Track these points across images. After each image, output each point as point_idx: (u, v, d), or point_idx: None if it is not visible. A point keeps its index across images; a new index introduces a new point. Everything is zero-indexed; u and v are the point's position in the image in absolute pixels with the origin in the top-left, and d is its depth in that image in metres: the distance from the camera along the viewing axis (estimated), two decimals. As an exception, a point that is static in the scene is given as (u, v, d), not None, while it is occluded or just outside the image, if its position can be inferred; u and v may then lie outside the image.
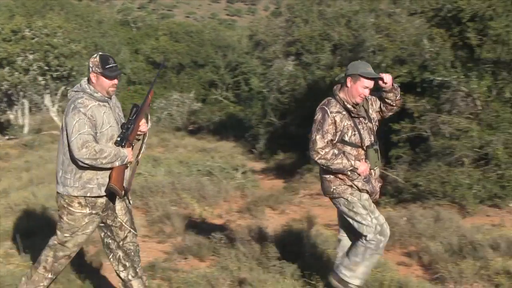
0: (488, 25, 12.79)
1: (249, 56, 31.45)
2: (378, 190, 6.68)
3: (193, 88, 36.26)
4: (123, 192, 6.37)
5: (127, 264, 6.63)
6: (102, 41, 35.24)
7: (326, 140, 6.39)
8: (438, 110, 13.46)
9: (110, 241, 6.63)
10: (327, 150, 6.37)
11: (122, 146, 6.30)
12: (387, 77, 6.57)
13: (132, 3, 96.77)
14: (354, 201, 6.49)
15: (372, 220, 6.48)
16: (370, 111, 6.70)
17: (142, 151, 6.60)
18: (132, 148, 6.45)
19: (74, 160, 6.17)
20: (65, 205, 6.39)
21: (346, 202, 6.53)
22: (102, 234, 6.66)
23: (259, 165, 19.44)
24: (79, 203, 6.35)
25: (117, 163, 6.23)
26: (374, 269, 7.44)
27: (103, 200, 6.43)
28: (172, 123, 31.14)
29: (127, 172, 6.41)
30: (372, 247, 6.50)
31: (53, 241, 6.58)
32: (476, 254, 8.54)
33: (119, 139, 6.32)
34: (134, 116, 6.40)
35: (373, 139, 6.60)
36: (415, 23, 14.34)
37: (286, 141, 19.78)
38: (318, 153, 6.39)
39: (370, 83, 6.50)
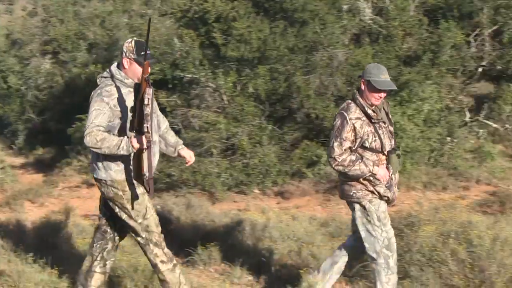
0: (232, 25, 13.10)
1: (6, 54, 30.34)
2: (396, 196, 6.20)
3: None
4: (147, 181, 5.62)
5: (108, 256, 6.09)
6: None
7: (344, 148, 5.89)
8: (189, 105, 13.66)
9: (108, 227, 6.05)
10: (344, 157, 5.88)
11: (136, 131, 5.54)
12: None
13: None
14: (371, 210, 6.03)
15: (382, 234, 6.04)
16: (391, 115, 6.27)
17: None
18: (144, 133, 5.58)
19: None
20: (121, 193, 5.73)
21: (362, 209, 6.06)
22: (104, 221, 6.06)
23: (18, 160, 18.82)
24: (131, 184, 5.71)
25: (121, 152, 5.51)
26: (129, 254, 7.40)
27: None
28: None
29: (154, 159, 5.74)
30: (383, 266, 6.04)
31: (140, 237, 5.86)
32: (224, 237, 8.70)
33: (129, 125, 5.61)
34: (137, 99, 5.56)
35: (393, 143, 6.15)
36: (166, 23, 14.44)
37: (46, 136, 19.29)
38: (335, 160, 5.89)
39: (381, 94, 5.97)
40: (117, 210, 5.85)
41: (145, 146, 5.54)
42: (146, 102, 5.50)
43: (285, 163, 12.91)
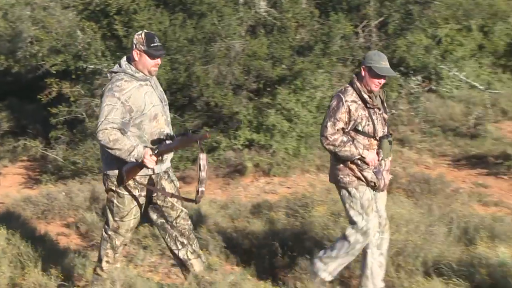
0: (133, 18, 13.06)
1: None
2: (387, 182, 6.22)
3: None
4: (125, 183, 5.55)
5: (185, 241, 5.91)
6: None
7: (336, 128, 5.93)
8: (92, 95, 13.56)
9: (163, 221, 5.87)
10: (336, 136, 5.91)
11: (155, 154, 5.44)
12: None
13: None
14: (356, 196, 6.04)
15: (362, 222, 6.04)
16: (386, 104, 6.28)
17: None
18: (159, 160, 5.55)
19: None
20: (114, 188, 5.60)
21: (347, 194, 6.09)
22: (155, 216, 5.88)
23: None
24: (128, 184, 5.56)
25: (130, 159, 5.38)
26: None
27: (151, 181, 5.69)
28: None
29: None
30: (349, 245, 6.08)
31: (105, 232, 5.78)
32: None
33: (155, 144, 5.53)
34: (180, 137, 5.56)
35: (386, 130, 6.15)
36: (69, 16, 14.25)
37: None
38: (327, 138, 5.93)
39: (381, 80, 6.02)
40: (107, 200, 5.81)
41: (152, 167, 5.53)
42: (201, 168, 5.56)
43: (187, 149, 12.97)
